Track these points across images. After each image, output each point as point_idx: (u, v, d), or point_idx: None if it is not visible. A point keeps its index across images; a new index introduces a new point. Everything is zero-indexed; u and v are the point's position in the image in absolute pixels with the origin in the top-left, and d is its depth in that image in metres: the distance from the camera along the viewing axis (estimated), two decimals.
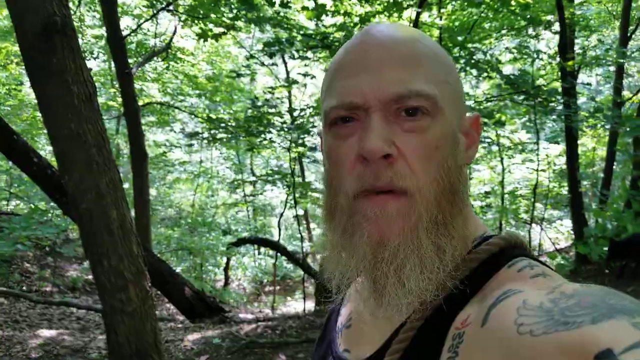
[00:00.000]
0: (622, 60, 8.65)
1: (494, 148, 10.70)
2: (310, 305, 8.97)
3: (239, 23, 6.73)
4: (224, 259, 12.03)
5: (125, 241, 3.17)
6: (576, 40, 9.79)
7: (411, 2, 6.20)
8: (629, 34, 9.24)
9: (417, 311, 0.60)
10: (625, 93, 10.34)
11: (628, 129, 7.51)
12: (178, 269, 10.03)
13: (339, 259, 0.63)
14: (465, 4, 7.20)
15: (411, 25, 6.19)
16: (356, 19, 5.95)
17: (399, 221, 0.59)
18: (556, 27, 8.35)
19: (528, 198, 10.84)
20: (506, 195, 10.75)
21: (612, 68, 9.89)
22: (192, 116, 11.73)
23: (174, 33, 9.78)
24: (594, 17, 10.78)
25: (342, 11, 5.99)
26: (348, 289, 0.67)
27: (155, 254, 7.81)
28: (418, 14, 6.01)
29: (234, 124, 8.38)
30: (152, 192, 12.84)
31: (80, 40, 3.21)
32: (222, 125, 8.55)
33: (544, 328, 0.45)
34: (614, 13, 10.71)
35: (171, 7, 8.23)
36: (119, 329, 3.21)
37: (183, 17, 8.69)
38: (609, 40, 11.51)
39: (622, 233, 7.58)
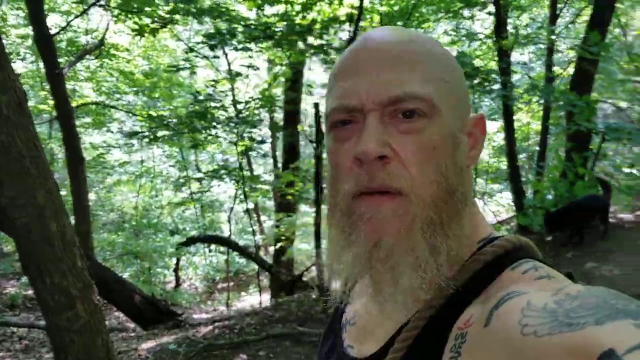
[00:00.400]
0: (553, 37, 8.98)
1: None
2: (266, 298, 8.89)
3: (177, 16, 6.45)
4: (174, 260, 11.72)
5: (67, 255, 2.98)
6: (509, 20, 10.08)
7: None
8: (557, 12, 9.60)
9: (420, 310, 0.61)
10: (556, 68, 10.77)
11: (561, 103, 7.81)
12: (125, 275, 9.67)
13: (339, 257, 0.65)
14: None
15: (355, 12, 6.16)
16: (298, 7, 5.85)
17: (394, 221, 0.60)
18: (490, 8, 8.56)
19: None
20: None
21: (542, 45, 10.26)
22: (130, 115, 11.26)
23: (107, 29, 9.31)
24: None
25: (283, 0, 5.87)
26: (352, 287, 0.69)
27: (99, 261, 7.49)
28: (361, 1, 5.97)
29: (175, 121, 8.10)
30: (92, 196, 12.28)
31: (4, 41, 2.95)
32: (163, 122, 8.25)
33: (548, 329, 0.46)
34: None
35: (102, 2, 7.81)
36: (67, 348, 3.02)
37: (116, 12, 8.26)
38: (540, 18, 11.95)
39: (559, 202, 7.91)
